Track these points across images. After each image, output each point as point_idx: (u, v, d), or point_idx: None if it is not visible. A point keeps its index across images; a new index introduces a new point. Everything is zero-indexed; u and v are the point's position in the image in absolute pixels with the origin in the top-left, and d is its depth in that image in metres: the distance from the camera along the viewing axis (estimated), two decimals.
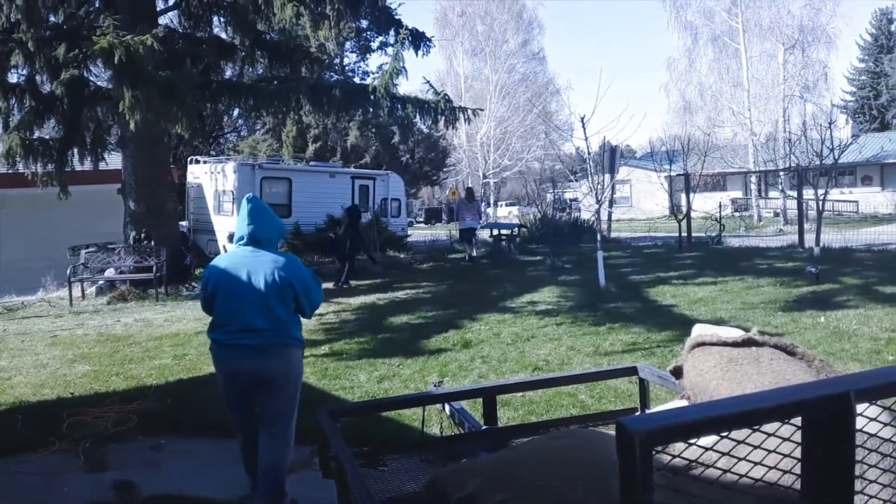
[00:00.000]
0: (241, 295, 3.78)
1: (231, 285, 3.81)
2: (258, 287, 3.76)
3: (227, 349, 3.84)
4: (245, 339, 3.76)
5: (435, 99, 13.71)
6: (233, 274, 3.83)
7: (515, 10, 41.86)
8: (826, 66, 33.31)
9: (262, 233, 3.86)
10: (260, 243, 3.87)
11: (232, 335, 3.80)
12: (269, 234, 3.91)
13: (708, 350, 2.97)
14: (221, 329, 3.86)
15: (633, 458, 1.14)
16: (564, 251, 16.74)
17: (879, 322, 7.76)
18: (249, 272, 3.79)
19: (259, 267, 3.79)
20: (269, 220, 3.94)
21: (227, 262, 3.93)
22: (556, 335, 8.05)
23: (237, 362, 3.82)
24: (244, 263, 3.83)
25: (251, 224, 3.85)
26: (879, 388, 1.33)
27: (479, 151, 38.93)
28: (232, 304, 3.81)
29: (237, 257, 3.89)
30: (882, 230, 20.18)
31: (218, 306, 3.88)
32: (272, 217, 4.00)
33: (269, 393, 3.87)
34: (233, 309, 3.80)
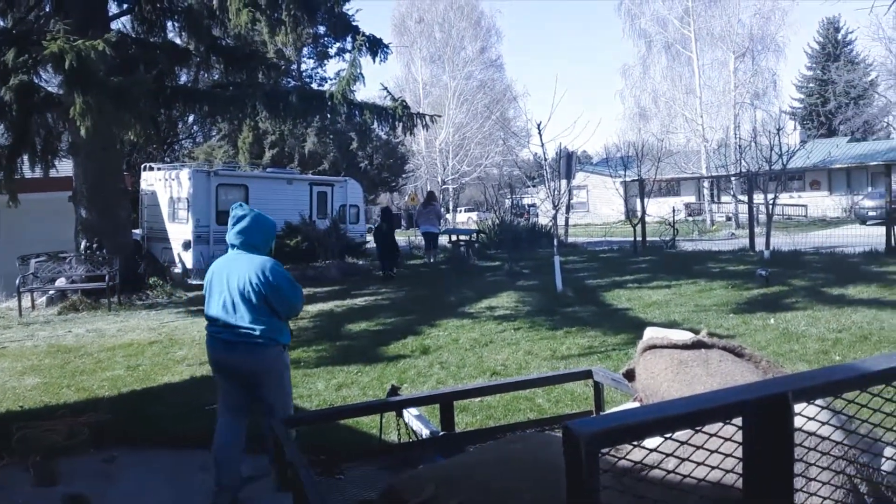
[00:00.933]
0: (221, 294, 4.14)
1: (217, 284, 4.20)
2: (234, 287, 4.09)
3: (212, 341, 4.23)
4: (223, 334, 4.13)
5: (393, 105, 13.72)
6: (219, 274, 4.21)
7: (473, 17, 42.14)
8: (775, 73, 34.31)
9: (245, 238, 4.18)
10: (245, 247, 4.19)
11: (214, 329, 4.20)
12: (252, 239, 4.20)
13: (659, 353, 3.03)
14: (210, 323, 4.25)
15: (579, 460, 1.16)
16: (522, 256, 16.86)
17: (826, 323, 7.98)
18: (230, 274, 4.14)
19: (238, 269, 4.11)
20: (253, 226, 4.21)
21: (218, 263, 4.31)
22: (513, 340, 8.10)
23: (217, 354, 4.22)
24: (229, 265, 4.19)
25: (235, 230, 4.19)
26: (816, 389, 1.38)
27: (438, 157, 39.04)
28: (216, 302, 4.17)
29: (225, 259, 4.27)
30: (829, 233, 20.74)
31: (207, 303, 4.27)
32: (258, 223, 4.25)
33: (254, 386, 4.21)
34: (216, 306, 4.16)
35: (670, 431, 1.29)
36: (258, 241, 4.23)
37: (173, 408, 6.04)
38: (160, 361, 7.87)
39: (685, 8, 33.64)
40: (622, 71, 37.43)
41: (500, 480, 2.17)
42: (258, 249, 4.23)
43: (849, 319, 8.10)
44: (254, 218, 4.23)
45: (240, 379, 4.23)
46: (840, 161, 36.30)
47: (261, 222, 4.27)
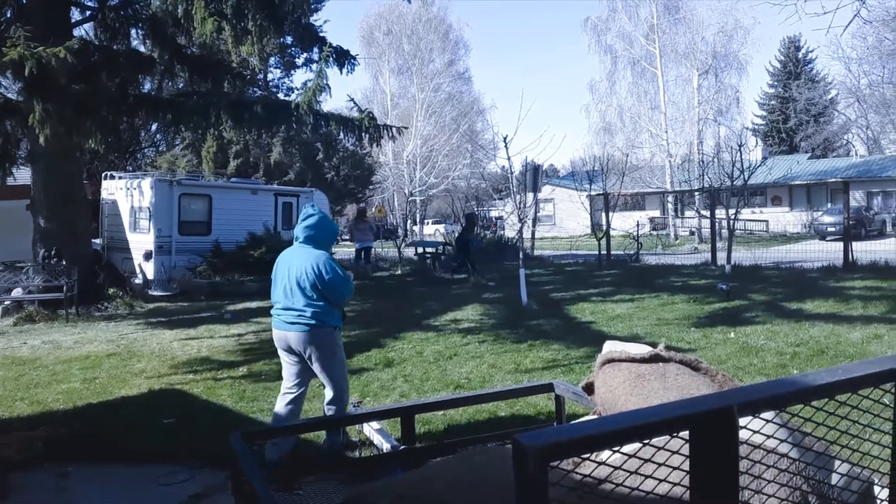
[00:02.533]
0: (283, 280, 4.86)
1: (280, 273, 4.92)
2: (293, 276, 4.78)
3: (276, 321, 4.92)
4: (283, 315, 4.84)
5: (359, 116, 13.71)
6: (283, 264, 4.93)
7: (442, 30, 42.36)
8: (738, 90, 34.99)
9: (311, 234, 4.87)
10: (308, 241, 4.87)
11: (278, 311, 4.90)
12: (317, 235, 4.89)
13: (617, 366, 3.05)
14: (275, 306, 4.95)
15: (528, 474, 1.16)
16: (489, 269, 16.92)
17: (785, 337, 8.12)
18: (290, 264, 4.85)
19: (298, 260, 4.80)
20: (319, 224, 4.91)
21: (283, 255, 5.02)
22: (478, 353, 8.11)
23: (280, 331, 4.89)
24: (291, 256, 4.90)
25: (303, 225, 4.90)
26: (760, 402, 1.40)
27: (406, 169, 39.06)
28: (279, 288, 4.89)
29: (289, 251, 4.99)
30: (790, 249, 21.18)
31: (273, 288, 4.98)
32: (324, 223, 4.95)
33: (310, 359, 4.85)
34: (279, 291, 4.89)
35: (619, 444, 1.30)
36: (321, 238, 4.90)
37: (130, 422, 5.92)
38: (118, 374, 7.72)
39: (650, 25, 34.21)
40: (589, 86, 37.94)
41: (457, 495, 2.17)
42: (319, 245, 4.88)
43: (807, 334, 8.26)
44: (321, 218, 4.94)
45: (297, 355, 4.88)
46: (800, 177, 37.11)
47: (327, 223, 4.99)
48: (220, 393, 6.77)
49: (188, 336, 9.95)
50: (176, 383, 7.23)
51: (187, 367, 7.94)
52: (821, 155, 45.17)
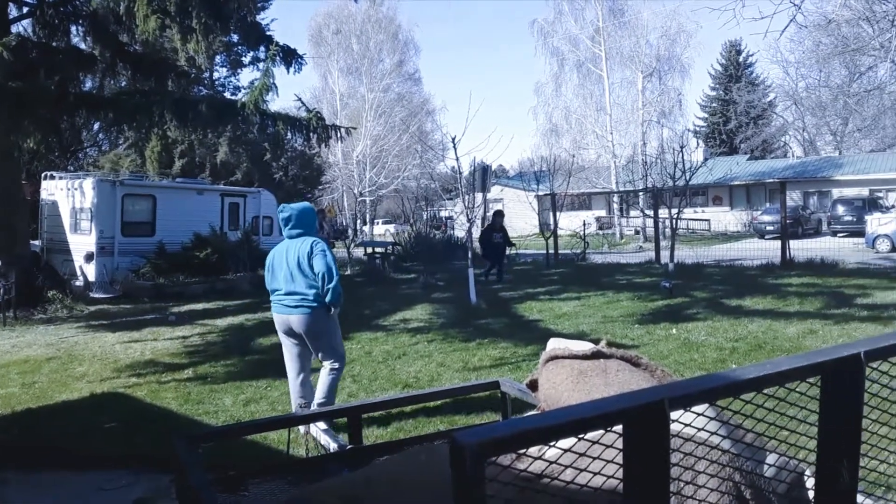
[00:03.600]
0: (282, 268, 5.33)
1: (278, 262, 5.38)
2: (294, 262, 5.26)
3: (277, 306, 5.40)
4: (285, 300, 5.31)
5: (307, 116, 13.60)
6: (280, 255, 5.40)
7: (391, 30, 42.26)
8: (681, 93, 35.79)
9: (296, 231, 5.37)
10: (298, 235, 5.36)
11: (279, 297, 5.36)
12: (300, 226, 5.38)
13: (560, 363, 3.11)
14: (275, 293, 5.41)
15: (465, 471, 1.18)
16: (438, 269, 16.96)
17: (725, 333, 8.35)
18: (288, 252, 5.33)
19: (295, 248, 5.30)
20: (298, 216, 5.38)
21: (279, 247, 5.47)
22: (426, 352, 8.13)
23: (282, 315, 5.36)
24: (288, 247, 5.37)
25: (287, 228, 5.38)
26: (691, 396, 1.45)
27: (356, 169, 38.86)
28: (279, 275, 5.35)
29: (284, 244, 5.44)
30: (730, 247, 21.75)
31: (272, 277, 5.43)
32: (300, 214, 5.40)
33: (310, 339, 5.37)
34: (280, 278, 5.34)
35: (555, 439, 1.33)
36: (305, 227, 5.41)
37: (72, 427, 5.77)
38: (58, 378, 7.52)
39: (596, 28, 34.73)
40: (535, 88, 38.34)
41: (401, 494, 2.18)
42: (308, 232, 5.41)
43: (745, 329, 8.50)
44: (297, 213, 5.40)
45: (298, 336, 5.38)
46: (740, 178, 38.13)
47: (302, 212, 5.45)
48: (165, 396, 6.66)
49: (131, 339, 9.74)
50: (119, 387, 7.08)
51: (130, 371, 7.78)
52: (760, 156, 46.50)
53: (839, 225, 28.35)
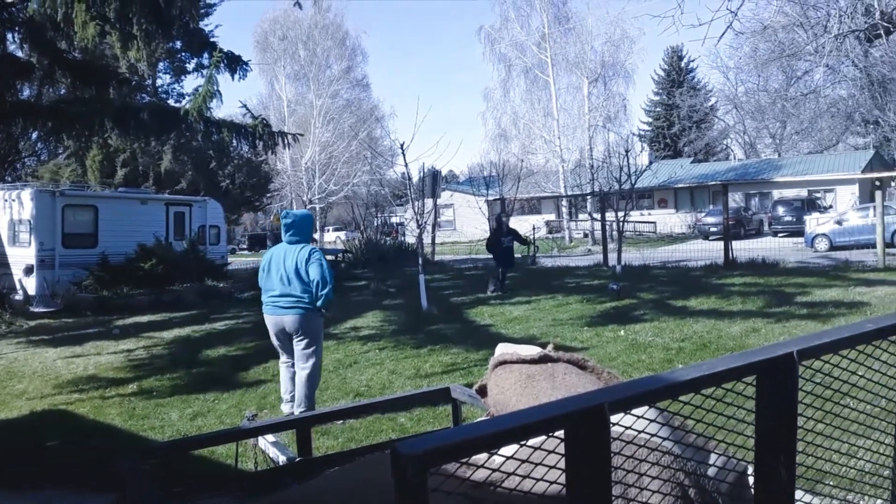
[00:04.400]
0: (279, 271, 5.75)
1: (275, 265, 5.81)
2: (290, 267, 5.70)
3: (271, 307, 5.80)
4: (280, 301, 5.73)
5: (253, 123, 13.42)
6: (277, 257, 5.83)
7: (339, 36, 42.03)
8: (625, 98, 36.47)
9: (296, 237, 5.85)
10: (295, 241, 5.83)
11: (273, 297, 5.78)
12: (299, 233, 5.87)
13: (509, 368, 3.12)
14: (269, 294, 5.81)
15: (406, 481, 1.17)
16: (389, 275, 16.90)
17: (671, 333, 8.51)
18: (285, 257, 5.76)
19: (292, 253, 5.75)
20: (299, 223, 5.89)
21: (275, 250, 5.95)
22: (378, 360, 8.09)
23: (276, 315, 5.78)
24: (284, 251, 5.80)
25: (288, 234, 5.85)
26: (631, 399, 1.46)
27: (304, 176, 38.55)
28: (275, 277, 5.77)
29: (281, 247, 5.89)
30: (676, 248, 22.19)
31: (267, 278, 5.84)
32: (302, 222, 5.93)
33: (297, 336, 5.77)
34: (275, 280, 5.76)
35: (498, 447, 1.33)
36: (303, 234, 5.91)
37: (11, 446, 5.57)
38: None
39: (542, 34, 35.15)
40: (484, 93, 38.60)
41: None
42: (304, 238, 5.90)
43: (691, 329, 8.68)
44: (298, 220, 5.90)
45: (289, 335, 5.80)
46: (684, 181, 38.95)
47: (303, 220, 5.97)
48: (109, 412, 6.48)
49: (73, 354, 9.46)
50: (60, 404, 6.87)
51: (72, 387, 7.55)
52: (703, 159, 47.58)
53: (779, 225, 29.18)
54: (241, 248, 45.69)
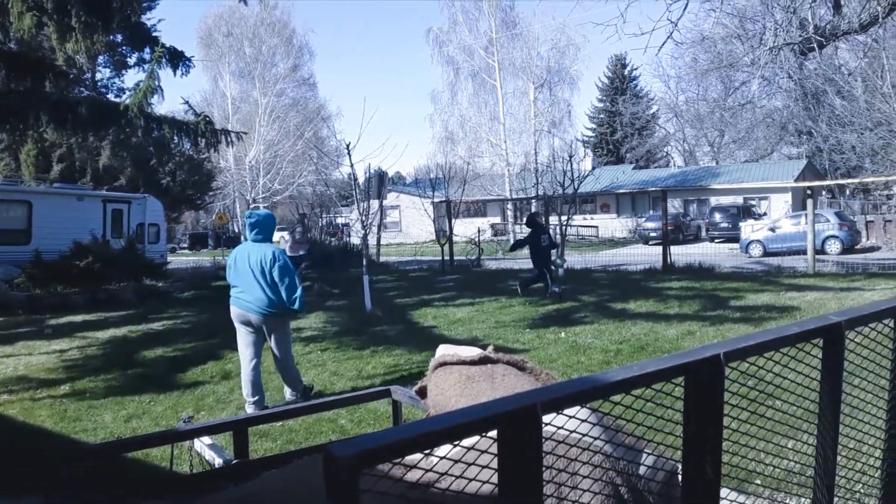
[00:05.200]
0: (245, 269, 6.06)
1: (241, 263, 6.11)
2: (256, 265, 6.01)
3: (237, 301, 6.12)
4: (246, 296, 6.06)
5: (195, 120, 13.16)
6: (242, 255, 6.13)
7: (285, 34, 41.57)
8: (570, 104, 37.08)
9: (260, 236, 6.19)
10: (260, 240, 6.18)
11: (239, 292, 6.11)
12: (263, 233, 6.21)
13: (449, 369, 3.14)
14: (236, 289, 6.14)
15: (339, 483, 1.17)
16: (334, 276, 16.78)
17: (610, 335, 8.66)
18: (250, 255, 6.07)
19: (258, 252, 6.07)
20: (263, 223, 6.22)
21: (240, 249, 6.29)
22: (320, 361, 8.02)
23: (241, 309, 6.09)
24: (249, 250, 6.14)
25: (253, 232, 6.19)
26: (563, 399, 1.49)
27: (248, 175, 37.99)
28: (242, 274, 6.08)
29: (246, 246, 6.24)
30: (617, 252, 22.58)
31: (234, 275, 6.15)
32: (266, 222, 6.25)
33: (266, 334, 6.16)
34: (242, 277, 6.08)
35: (431, 447, 1.34)
36: (267, 233, 6.25)
37: None
38: None
39: (489, 38, 35.39)
40: (431, 96, 38.72)
41: None
42: (267, 238, 6.25)
43: (629, 332, 8.85)
44: (261, 220, 6.23)
45: (255, 328, 6.12)
46: (626, 186, 39.71)
47: (266, 219, 6.30)
48: (39, 414, 6.28)
49: (3, 354, 9.13)
50: None
51: (1, 388, 7.28)
52: (644, 165, 48.58)
53: (716, 231, 29.97)
54: (181, 248, 44.76)
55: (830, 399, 1.94)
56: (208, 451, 4.50)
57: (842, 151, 37.38)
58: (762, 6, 12.68)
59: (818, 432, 1.99)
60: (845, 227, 23.33)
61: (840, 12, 10.69)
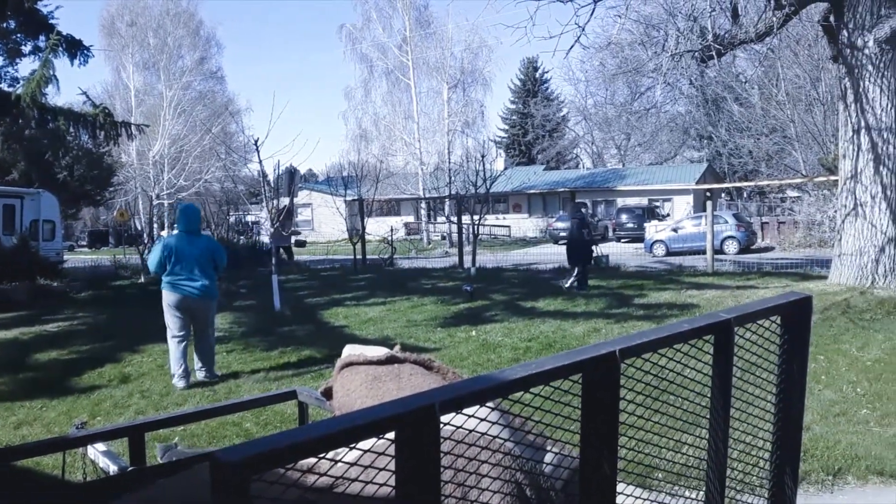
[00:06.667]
0: (183, 257, 6.73)
1: (178, 252, 6.75)
2: (194, 254, 6.76)
3: (175, 287, 6.80)
4: (185, 281, 6.77)
5: (93, 112, 12.61)
6: (179, 245, 6.79)
7: (192, 26, 40.30)
8: (483, 105, 37.51)
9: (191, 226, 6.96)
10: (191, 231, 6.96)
11: (177, 279, 6.78)
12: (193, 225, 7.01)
13: (355, 369, 3.10)
14: (174, 276, 6.78)
15: (225, 490, 1.13)
16: (242, 275, 16.37)
17: (520, 333, 8.79)
18: (189, 245, 6.80)
19: (195, 242, 6.85)
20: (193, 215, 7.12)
21: (176, 239, 6.92)
22: (225, 363, 7.80)
23: (178, 295, 6.82)
24: (185, 240, 6.84)
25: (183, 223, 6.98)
26: (462, 398, 1.48)
27: (152, 170, 36.63)
28: (180, 262, 6.74)
29: (179, 236, 6.95)
30: (528, 252, 22.98)
31: (174, 262, 6.74)
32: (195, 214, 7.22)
33: (202, 314, 6.99)
34: (181, 265, 6.74)
35: (326, 450, 1.30)
36: (196, 225, 7.08)
37: None
38: None
39: (403, 37, 35.36)
40: (345, 93, 38.35)
41: None
42: (198, 228, 7.13)
43: (538, 329, 9.00)
44: (195, 213, 7.26)
45: (189, 312, 6.90)
46: (537, 187, 40.50)
47: (197, 212, 7.39)
48: None
49: None
50: None
51: None
52: (554, 166, 49.69)
53: (622, 231, 30.95)
54: (80, 245, 42.80)
55: (721, 394, 2.01)
56: (102, 459, 4.30)
57: (739, 156, 39.26)
58: (666, 14, 13.15)
59: (710, 426, 2.06)
60: (742, 228, 24.51)
61: (738, 22, 11.20)
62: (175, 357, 6.88)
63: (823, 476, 4.29)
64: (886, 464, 4.37)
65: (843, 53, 10.60)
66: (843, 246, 10.89)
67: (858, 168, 10.51)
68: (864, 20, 10.13)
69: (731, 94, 37.02)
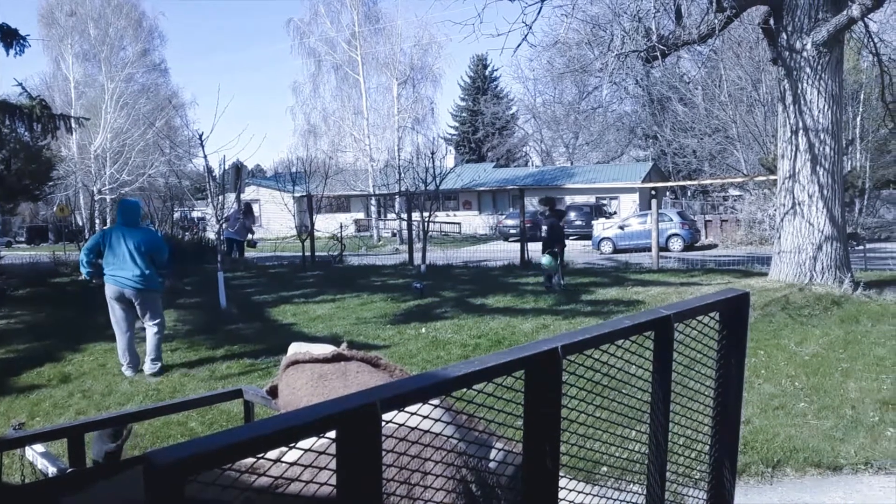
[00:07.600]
0: (121, 250, 6.90)
1: (115, 244, 6.94)
2: (132, 246, 6.92)
3: (114, 280, 6.95)
4: (124, 273, 6.91)
5: (29, 104, 12.17)
6: (116, 238, 6.97)
7: (134, 16, 39.36)
8: (433, 102, 37.61)
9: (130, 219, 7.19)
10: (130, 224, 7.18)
11: (115, 271, 6.94)
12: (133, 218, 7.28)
13: (301, 367, 3.07)
14: (112, 268, 6.95)
15: (159, 493, 1.10)
16: (187, 272, 16.05)
17: (469, 330, 8.83)
18: (125, 237, 6.95)
19: (132, 235, 6.99)
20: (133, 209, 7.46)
21: (112, 231, 7.10)
22: (169, 362, 7.65)
23: (116, 286, 6.98)
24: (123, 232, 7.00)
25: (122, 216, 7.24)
26: (404, 396, 1.48)
27: (94, 164, 35.65)
28: (118, 255, 6.91)
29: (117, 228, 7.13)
30: (478, 249, 23.09)
31: (110, 255, 6.93)
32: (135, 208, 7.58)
33: (141, 305, 7.11)
34: (119, 258, 6.91)
35: (265, 451, 1.28)
36: (133, 218, 7.30)
37: None
38: None
39: (352, 32, 35.13)
40: (293, 87, 37.99)
41: None
42: (136, 222, 7.35)
43: (487, 326, 9.05)
44: (135, 207, 7.56)
45: (128, 302, 7.03)
46: (487, 184, 40.69)
47: (137, 206, 7.73)
48: None
49: None
50: None
51: None
52: (504, 164, 50.00)
53: (571, 229, 31.29)
54: (18, 242, 41.44)
55: (661, 389, 2.05)
56: (41, 460, 4.18)
57: (684, 155, 40.11)
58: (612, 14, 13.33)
59: (651, 421, 2.10)
60: (686, 225, 25.07)
61: (681, 23, 11.42)
62: (121, 348, 7.16)
63: (763, 468, 4.42)
64: (823, 456, 4.53)
65: (782, 56, 10.89)
66: (782, 244, 11.20)
67: (797, 168, 10.82)
68: (803, 23, 10.43)
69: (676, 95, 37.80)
